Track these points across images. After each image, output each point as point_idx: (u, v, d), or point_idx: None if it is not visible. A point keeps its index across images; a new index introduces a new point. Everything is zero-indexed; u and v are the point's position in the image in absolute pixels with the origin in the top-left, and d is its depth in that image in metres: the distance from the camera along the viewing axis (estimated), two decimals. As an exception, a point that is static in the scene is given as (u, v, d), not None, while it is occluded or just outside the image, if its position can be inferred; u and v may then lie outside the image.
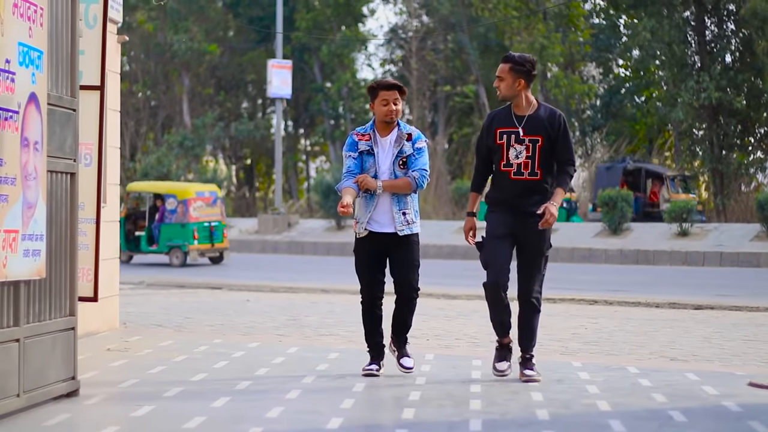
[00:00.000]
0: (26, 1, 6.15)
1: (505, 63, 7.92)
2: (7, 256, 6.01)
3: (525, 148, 7.88)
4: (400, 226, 8.04)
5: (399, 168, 8.06)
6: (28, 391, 6.42)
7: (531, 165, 7.88)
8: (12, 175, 6.04)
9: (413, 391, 7.41)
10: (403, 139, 8.08)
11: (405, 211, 8.08)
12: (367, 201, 8.11)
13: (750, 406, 6.87)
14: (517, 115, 7.94)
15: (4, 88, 5.93)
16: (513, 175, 7.90)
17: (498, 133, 7.96)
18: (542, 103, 8.01)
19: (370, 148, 8.09)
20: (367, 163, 8.10)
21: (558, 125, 7.89)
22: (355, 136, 8.15)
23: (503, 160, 7.93)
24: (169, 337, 10.53)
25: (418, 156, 8.07)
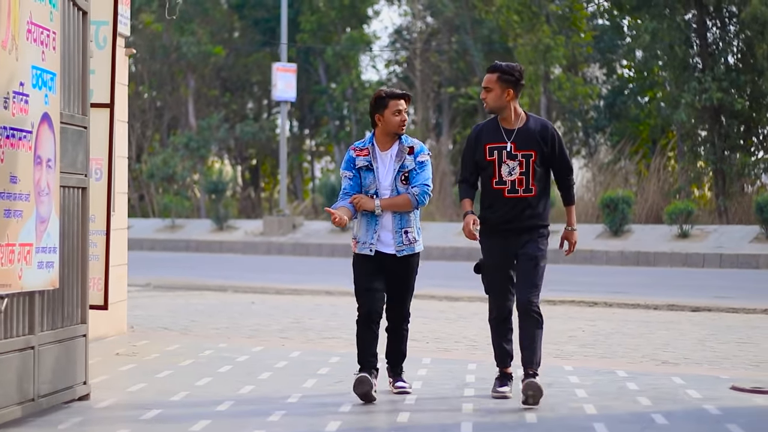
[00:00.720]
0: (39, 27, 6.49)
1: (491, 73, 7.59)
2: (22, 268, 6.35)
3: (518, 164, 7.49)
4: (400, 246, 7.65)
5: (401, 184, 7.66)
6: (42, 396, 6.76)
7: (525, 181, 7.51)
8: (26, 192, 6.37)
9: (408, 396, 7.74)
10: (405, 152, 7.68)
11: (407, 229, 7.69)
12: (369, 220, 7.68)
13: (730, 410, 7.19)
14: (506, 129, 7.55)
15: (19, 110, 6.27)
16: (507, 193, 7.52)
17: (487, 149, 7.55)
18: (531, 115, 7.62)
19: (369, 164, 7.67)
20: (367, 180, 7.68)
21: (551, 138, 7.56)
22: (353, 151, 7.78)
23: (495, 177, 7.53)
24: (176, 341, 10.86)
25: (420, 170, 7.67)
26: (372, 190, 7.67)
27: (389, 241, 7.67)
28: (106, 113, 7.80)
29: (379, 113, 7.65)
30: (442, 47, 47.83)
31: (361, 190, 7.69)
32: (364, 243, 7.68)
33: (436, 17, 48.21)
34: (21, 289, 6.37)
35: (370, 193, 7.67)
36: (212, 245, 33.90)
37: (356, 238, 7.75)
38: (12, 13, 6.15)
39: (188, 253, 32.91)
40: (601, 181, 37.29)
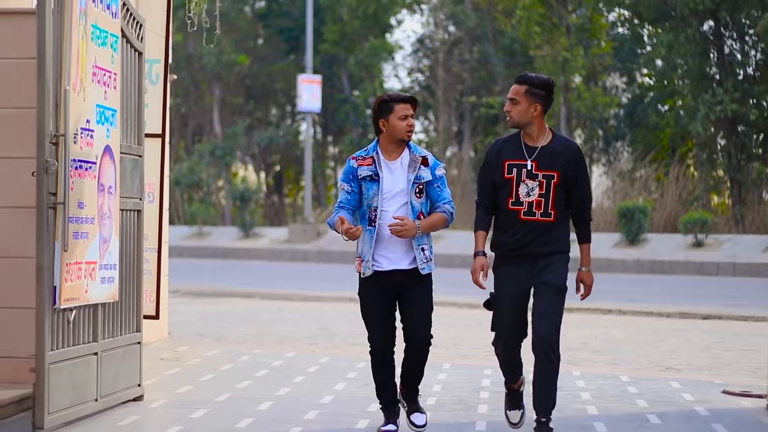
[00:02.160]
0: (102, 69, 7.33)
1: (520, 84, 6.89)
2: (88, 283, 7.19)
3: (538, 185, 6.84)
4: (422, 263, 6.97)
5: (415, 196, 7.00)
6: (103, 397, 7.60)
7: (544, 204, 6.85)
8: (91, 216, 7.21)
9: (430, 398, 8.55)
10: (418, 162, 7.01)
11: (424, 246, 6.99)
12: (371, 234, 7.00)
13: (718, 411, 7.99)
14: (528, 146, 6.89)
15: (85, 144, 7.11)
16: (523, 215, 6.87)
17: (506, 165, 6.91)
18: (557, 133, 7.04)
19: (374, 173, 7.00)
20: (370, 191, 7.00)
21: (576, 161, 6.89)
22: (354, 161, 7.08)
23: (511, 197, 6.89)
24: (214, 347, 11.68)
25: (442, 186, 7.06)
26: (375, 202, 6.98)
27: (397, 258, 7.00)
28: (158, 142, 8.63)
29: (384, 118, 7.01)
30: (464, 56, 48.59)
31: (361, 202, 7.06)
32: (367, 261, 7.03)
33: (458, 27, 48.96)
34: (87, 302, 7.21)
35: (372, 206, 6.99)
36: (238, 252, 34.72)
37: (361, 256, 7.08)
38: (80, 60, 6.99)
39: (215, 260, 33.75)
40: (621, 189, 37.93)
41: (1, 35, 8.12)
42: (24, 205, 8.05)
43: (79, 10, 6.95)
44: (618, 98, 42.29)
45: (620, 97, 43.17)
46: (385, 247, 7.01)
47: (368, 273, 7.00)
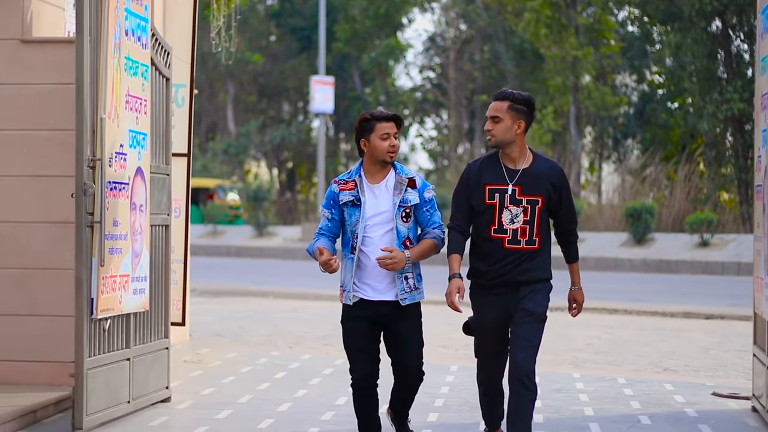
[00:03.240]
0: (134, 97, 7.92)
1: (501, 101, 6.55)
2: (122, 295, 7.80)
3: (522, 211, 6.51)
4: (402, 293, 6.58)
5: (402, 221, 6.60)
6: (135, 399, 8.21)
7: (529, 231, 6.53)
8: (124, 233, 7.81)
9: (438, 399, 9.14)
10: (404, 184, 6.61)
11: (408, 274, 6.60)
12: (353, 263, 6.62)
13: (706, 412, 8.57)
14: (509, 169, 6.57)
15: (119, 167, 7.71)
16: (507, 244, 6.52)
17: (487, 190, 6.54)
18: (537, 154, 6.66)
19: (355, 198, 6.61)
20: (353, 218, 6.61)
21: (560, 184, 6.61)
22: (336, 185, 6.69)
23: (494, 224, 6.53)
24: (233, 350, 12.28)
25: (432, 210, 6.68)
26: (357, 229, 6.58)
27: (381, 287, 6.61)
28: (183, 161, 9.24)
29: (365, 138, 6.62)
30: (475, 56, 49.12)
31: (344, 228, 6.70)
32: (348, 291, 6.67)
33: (469, 26, 49.48)
34: (121, 312, 7.82)
35: (356, 233, 6.60)
36: (252, 251, 35.31)
37: (343, 286, 6.72)
38: (115, 90, 7.59)
39: (229, 258, 34.35)
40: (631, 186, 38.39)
41: (39, 62, 8.74)
42: (59, 220, 8.67)
43: (113, 44, 7.55)
44: (627, 97, 42.75)
45: (630, 95, 43.65)
46: (369, 276, 6.60)
47: (350, 302, 6.62)
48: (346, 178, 6.68)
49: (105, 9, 7.45)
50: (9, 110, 8.75)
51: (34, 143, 8.74)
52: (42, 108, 8.72)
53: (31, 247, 8.76)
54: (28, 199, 8.76)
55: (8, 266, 8.71)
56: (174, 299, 9.58)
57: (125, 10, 7.71)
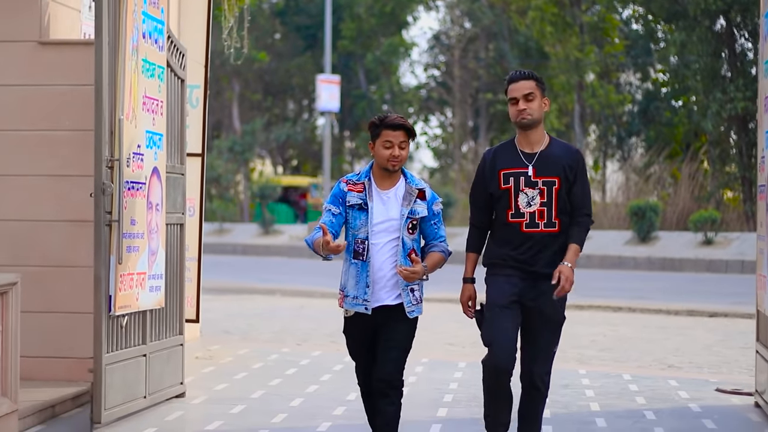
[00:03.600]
0: (151, 98, 8.10)
1: (527, 79, 6.42)
2: (138, 292, 7.98)
3: (539, 193, 6.35)
4: (409, 306, 6.41)
5: (408, 232, 6.39)
6: (151, 394, 8.39)
7: (547, 213, 6.35)
8: (141, 231, 7.99)
9: (447, 395, 9.32)
10: (413, 195, 6.40)
11: (414, 287, 6.44)
12: (360, 269, 6.40)
13: (709, 408, 8.75)
14: (525, 153, 6.43)
15: (136, 167, 7.89)
16: (525, 228, 6.35)
17: (502, 175, 6.41)
18: (554, 138, 6.52)
19: (363, 202, 6.38)
20: (357, 221, 6.39)
21: (576, 164, 6.42)
22: (345, 184, 6.45)
23: (510, 209, 6.38)
24: (243, 346, 12.46)
25: (439, 224, 6.50)
26: (362, 233, 6.37)
27: (381, 295, 6.42)
28: (197, 160, 9.42)
29: (373, 142, 6.43)
30: (480, 54, 49.28)
31: (347, 232, 6.47)
32: (355, 298, 6.44)
33: (474, 24, 49.64)
34: (138, 309, 8.00)
35: (359, 237, 6.39)
36: (258, 249, 35.49)
37: (344, 290, 6.51)
38: (132, 91, 7.77)
39: (236, 256, 34.53)
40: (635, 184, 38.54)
41: (56, 64, 8.92)
42: (76, 219, 8.86)
43: (131, 46, 7.73)
44: (631, 96, 42.89)
45: (634, 93, 43.79)
46: (378, 283, 6.39)
47: (351, 313, 6.45)
48: (355, 180, 6.44)
49: (123, 12, 7.63)
50: (27, 111, 8.93)
51: (51, 143, 8.92)
52: (59, 109, 8.90)
53: (49, 245, 8.94)
54: (45, 198, 8.94)
55: (27, 264, 8.88)
56: (188, 296, 9.76)
57: (142, 13, 7.89)
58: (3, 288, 7.13)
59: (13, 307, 7.21)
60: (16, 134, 8.95)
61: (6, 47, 8.92)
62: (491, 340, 6.40)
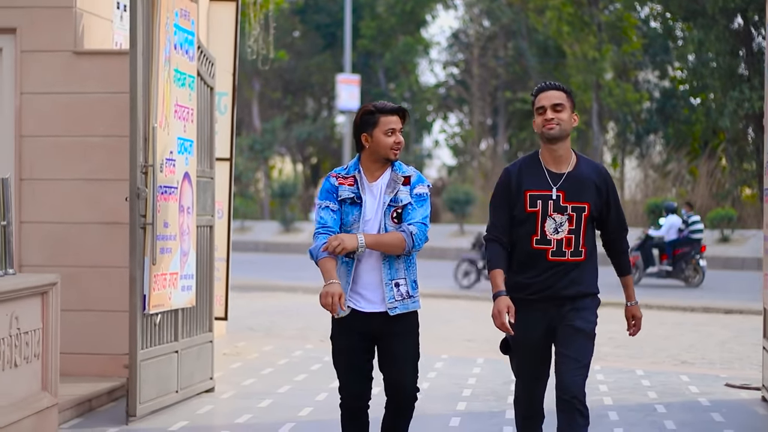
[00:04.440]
0: (182, 107, 8.48)
1: (557, 90, 5.91)
2: (171, 291, 8.36)
3: (567, 219, 5.84)
4: (392, 302, 5.87)
5: (392, 222, 5.91)
6: (182, 389, 8.77)
7: (575, 242, 5.85)
8: (173, 233, 8.38)
9: (465, 389, 9.68)
10: (398, 183, 5.95)
11: (398, 281, 5.90)
12: (348, 267, 5.92)
13: (718, 402, 9.10)
14: (552, 172, 5.88)
15: (169, 172, 8.27)
16: (551, 256, 5.84)
17: (528, 197, 5.85)
18: (581, 155, 5.98)
19: (356, 196, 5.94)
20: (350, 217, 5.93)
21: (607, 185, 5.94)
22: (335, 179, 5.99)
23: (536, 234, 5.86)
24: (268, 343, 12.84)
25: (417, 205, 5.92)
26: (354, 229, 5.90)
27: (374, 297, 5.89)
28: (225, 165, 9.80)
29: (368, 133, 5.97)
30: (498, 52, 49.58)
31: (341, 229, 5.96)
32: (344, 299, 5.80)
33: (493, 22, 49.93)
34: (170, 307, 8.39)
35: (351, 233, 5.89)
36: (279, 246, 35.89)
37: None
38: (165, 100, 8.15)
39: (257, 254, 34.94)
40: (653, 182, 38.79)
41: (90, 73, 9.31)
42: (109, 221, 9.25)
43: (164, 57, 8.11)
44: (648, 94, 43.12)
45: (652, 91, 44.02)
46: (362, 285, 5.92)
47: (344, 313, 5.83)
48: (344, 174, 5.99)
49: (156, 25, 8.01)
50: (63, 118, 9.33)
51: (85, 149, 9.31)
52: (93, 115, 9.30)
53: (83, 246, 9.33)
54: (80, 201, 9.33)
55: (62, 264, 9.28)
56: (217, 295, 10.15)
57: (174, 25, 8.27)
58: (43, 288, 7.52)
59: (53, 307, 7.59)
60: (53, 140, 9.35)
61: (43, 57, 9.32)
62: (519, 378, 6.09)
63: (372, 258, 5.92)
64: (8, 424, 6.92)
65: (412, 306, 5.95)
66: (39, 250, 9.36)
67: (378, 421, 6.19)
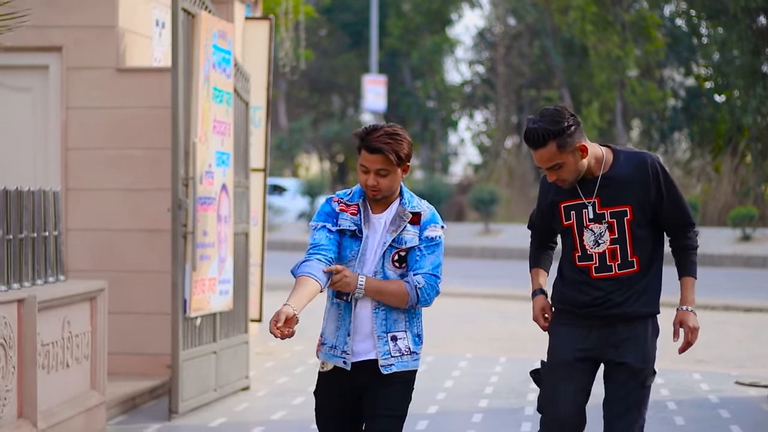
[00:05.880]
0: (220, 122, 9.03)
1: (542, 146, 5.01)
2: (210, 296, 8.91)
3: (607, 228, 5.16)
4: (386, 357, 4.96)
5: (393, 266, 4.99)
6: (220, 387, 9.33)
7: (621, 252, 5.15)
8: (212, 241, 8.92)
9: (487, 387, 10.20)
10: (405, 220, 5.00)
11: (396, 334, 4.99)
12: (343, 312, 5.03)
13: (727, 399, 9.59)
14: (585, 179, 5.18)
15: (208, 184, 8.81)
16: (596, 273, 5.18)
17: (563, 209, 5.24)
18: (620, 150, 5.20)
19: (358, 228, 5.00)
20: (349, 251, 5.01)
21: (655, 178, 5.13)
22: (336, 203, 5.05)
23: (577, 250, 5.21)
24: (299, 342, 13.34)
25: (427, 252, 4.98)
26: (352, 269, 4.99)
27: (366, 349, 5.00)
28: (260, 175, 10.35)
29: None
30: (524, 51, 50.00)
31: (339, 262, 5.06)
32: (333, 348, 5.06)
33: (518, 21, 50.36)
34: (210, 311, 8.94)
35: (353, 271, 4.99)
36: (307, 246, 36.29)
37: (322, 336, 5.15)
38: (204, 117, 8.70)
39: (284, 253, 35.41)
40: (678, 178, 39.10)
41: (131, 88, 9.88)
42: (150, 228, 9.81)
43: (203, 76, 8.66)
44: (672, 92, 43.42)
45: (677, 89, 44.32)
46: (356, 330, 5.01)
47: (329, 367, 5.08)
48: (347, 201, 5.06)
49: (196, 47, 8.56)
50: (107, 131, 9.89)
51: (127, 160, 9.87)
52: (135, 129, 9.86)
53: (125, 252, 9.90)
54: (122, 209, 9.89)
55: (106, 269, 9.84)
56: (252, 298, 10.69)
57: (213, 46, 8.82)
58: (92, 294, 8.08)
59: (101, 311, 8.15)
60: (97, 152, 9.92)
61: (88, 74, 9.89)
62: (546, 405, 5.28)
63: (367, 304, 4.99)
64: (61, 420, 7.49)
65: (412, 365, 5.03)
66: (84, 256, 9.92)
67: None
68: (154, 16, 10.37)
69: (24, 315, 7.00)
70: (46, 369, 7.31)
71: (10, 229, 7.10)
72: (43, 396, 7.23)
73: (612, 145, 5.24)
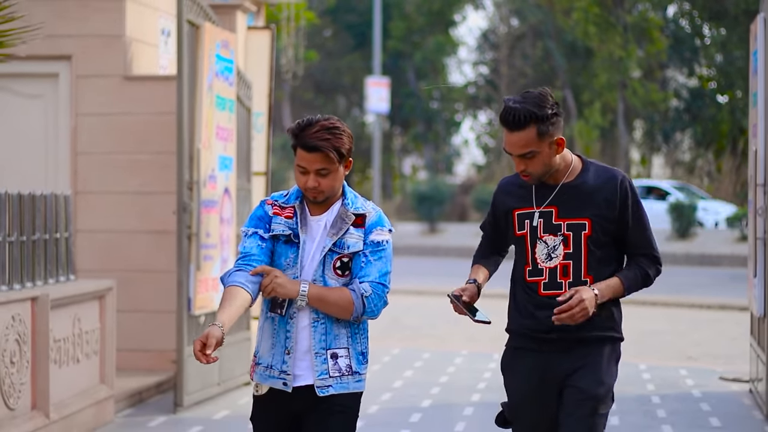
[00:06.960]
0: (223, 128, 9.44)
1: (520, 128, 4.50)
2: (213, 294, 9.32)
3: (562, 241, 4.63)
4: (323, 378, 4.41)
5: (335, 273, 4.47)
6: (223, 381, 9.73)
7: (574, 270, 4.64)
8: (214, 243, 9.33)
9: (481, 382, 10.60)
10: (347, 222, 4.48)
11: (337, 351, 4.44)
12: (277, 328, 4.45)
13: (710, 393, 9.99)
14: (545, 184, 4.67)
15: (211, 188, 9.22)
16: (544, 290, 4.67)
17: (516, 216, 4.71)
18: (592, 162, 4.73)
19: (293, 233, 4.48)
20: (284, 259, 4.47)
21: (623, 194, 4.64)
22: (270, 206, 4.54)
23: (528, 264, 4.68)
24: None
25: (373, 258, 4.47)
26: (290, 275, 4.45)
27: (305, 368, 4.44)
28: (262, 178, 10.75)
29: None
30: (527, 51, 50.35)
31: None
32: (269, 368, 4.49)
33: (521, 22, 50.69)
34: (213, 309, 9.34)
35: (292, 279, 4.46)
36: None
37: (256, 356, 4.56)
38: (208, 124, 9.11)
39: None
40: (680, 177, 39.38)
41: (138, 96, 10.29)
42: (156, 230, 10.22)
43: (207, 85, 9.07)
44: (673, 93, 43.70)
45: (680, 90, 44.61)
46: (293, 347, 4.45)
47: (264, 390, 4.49)
48: (282, 203, 4.54)
49: (200, 57, 8.96)
50: (115, 136, 10.30)
51: (135, 165, 10.28)
52: (142, 135, 10.26)
53: (132, 253, 10.30)
54: (130, 212, 10.30)
55: (114, 269, 10.24)
56: (254, 297, 11.09)
57: (216, 56, 9.22)
58: (101, 292, 8.49)
59: (109, 309, 8.56)
60: (105, 156, 10.32)
61: (96, 81, 10.30)
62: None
63: (306, 316, 4.45)
64: (72, 412, 7.91)
65: (353, 386, 4.49)
66: (93, 256, 10.32)
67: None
68: (161, 25, 10.79)
69: (37, 312, 7.41)
70: (58, 363, 7.72)
71: (23, 231, 7.51)
72: (55, 389, 7.65)
73: (584, 156, 4.77)
